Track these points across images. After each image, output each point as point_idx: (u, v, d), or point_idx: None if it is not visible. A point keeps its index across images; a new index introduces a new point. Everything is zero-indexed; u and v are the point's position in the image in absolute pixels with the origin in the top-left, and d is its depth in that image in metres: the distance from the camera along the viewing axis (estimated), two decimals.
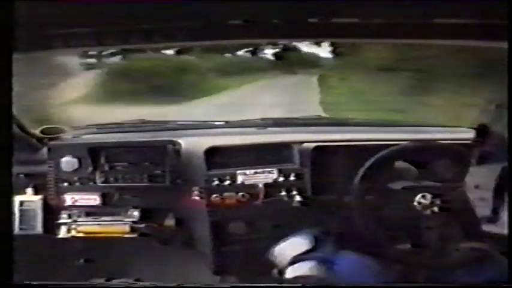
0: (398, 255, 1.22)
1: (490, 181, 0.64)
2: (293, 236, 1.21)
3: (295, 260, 1.11)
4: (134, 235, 1.63)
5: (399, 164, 1.44)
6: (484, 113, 0.71)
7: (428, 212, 1.21)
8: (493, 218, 0.64)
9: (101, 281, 1.49)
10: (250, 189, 1.55)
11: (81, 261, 1.75)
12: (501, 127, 0.65)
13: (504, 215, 0.62)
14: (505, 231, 0.62)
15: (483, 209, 0.66)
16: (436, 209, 1.21)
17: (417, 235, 1.25)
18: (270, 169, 1.56)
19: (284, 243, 1.20)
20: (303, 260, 1.11)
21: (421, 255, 1.21)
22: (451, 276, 1.16)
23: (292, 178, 1.55)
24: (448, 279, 1.17)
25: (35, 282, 0.85)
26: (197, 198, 1.58)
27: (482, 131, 0.69)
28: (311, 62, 4.38)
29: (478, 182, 0.69)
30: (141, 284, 1.59)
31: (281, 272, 1.12)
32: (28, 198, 1.64)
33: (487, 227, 0.66)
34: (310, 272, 1.06)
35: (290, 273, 1.07)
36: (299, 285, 1.25)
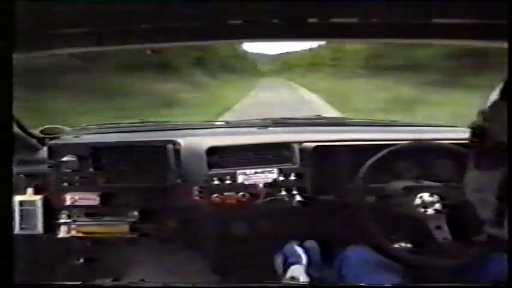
0: (399, 255, 1.22)
1: (491, 185, 0.63)
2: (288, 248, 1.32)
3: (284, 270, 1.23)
4: (134, 235, 1.63)
5: (399, 164, 1.45)
6: (480, 113, 0.70)
7: (428, 211, 1.21)
8: (497, 222, 0.63)
9: (106, 281, 1.50)
10: (251, 189, 1.55)
11: (81, 261, 1.76)
12: (499, 129, 0.63)
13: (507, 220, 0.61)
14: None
15: (485, 212, 0.66)
16: (436, 208, 1.21)
17: (418, 235, 1.25)
18: (270, 169, 1.56)
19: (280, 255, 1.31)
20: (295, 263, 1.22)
21: (422, 254, 1.21)
22: (452, 276, 1.16)
23: (292, 178, 1.55)
24: (449, 279, 1.17)
25: (35, 283, 0.85)
26: (197, 198, 1.58)
27: (478, 132, 0.69)
28: None
29: (478, 186, 0.68)
30: (144, 284, 1.59)
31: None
32: (28, 198, 1.64)
33: (491, 230, 0.66)
34: (294, 272, 1.19)
35: (288, 275, 1.18)
36: (299, 285, 1.25)
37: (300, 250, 1.27)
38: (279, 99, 12.56)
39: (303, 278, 1.13)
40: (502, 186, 0.61)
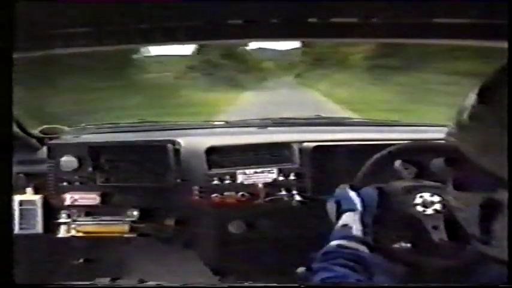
0: (398, 255, 1.22)
1: (471, 208, 0.61)
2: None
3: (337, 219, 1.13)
4: (134, 235, 1.63)
5: (399, 163, 1.44)
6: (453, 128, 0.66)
7: (427, 211, 1.21)
8: (484, 241, 0.61)
9: (105, 280, 1.49)
10: (250, 189, 1.55)
11: (81, 261, 1.76)
12: (472, 147, 0.60)
13: (501, 240, 0.58)
14: (502, 255, 0.59)
15: (470, 229, 0.64)
16: (435, 208, 1.21)
17: (417, 235, 1.25)
18: (269, 169, 1.56)
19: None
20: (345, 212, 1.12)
21: (421, 255, 1.21)
22: (452, 276, 1.16)
23: (292, 178, 1.55)
24: (449, 280, 1.17)
25: (35, 283, 0.85)
26: (197, 197, 1.58)
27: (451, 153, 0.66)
28: None
29: (459, 205, 0.67)
30: (143, 284, 1.59)
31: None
32: (28, 198, 1.64)
33: (478, 246, 0.64)
34: (346, 220, 1.08)
35: (340, 223, 1.09)
36: (299, 285, 1.25)
37: (354, 196, 1.19)
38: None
39: (356, 227, 1.07)
40: (481, 210, 0.58)
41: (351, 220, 1.08)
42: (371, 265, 0.93)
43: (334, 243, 0.99)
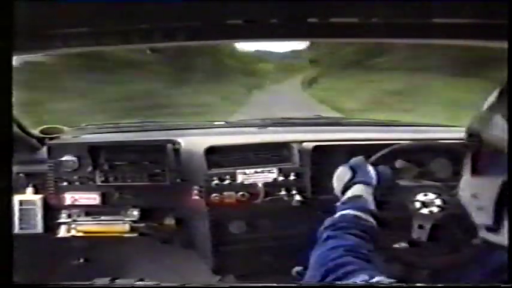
0: (398, 255, 1.22)
1: (488, 192, 0.61)
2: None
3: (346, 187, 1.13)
4: (134, 234, 1.63)
5: (399, 163, 1.45)
6: (476, 117, 0.67)
7: (428, 211, 1.21)
8: (494, 228, 0.62)
9: (105, 280, 1.49)
10: (250, 189, 1.55)
11: (81, 261, 1.76)
12: (495, 134, 0.61)
13: (505, 226, 0.59)
14: (505, 242, 0.60)
15: (481, 218, 0.64)
16: (435, 208, 1.21)
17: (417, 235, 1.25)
18: (269, 168, 1.56)
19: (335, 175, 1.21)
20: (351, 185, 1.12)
21: (421, 254, 1.21)
22: (451, 276, 1.16)
23: (292, 177, 1.55)
24: (448, 279, 1.17)
25: (35, 283, 0.85)
26: (197, 197, 1.58)
27: (474, 138, 0.66)
28: None
29: (474, 192, 0.67)
30: (143, 283, 1.59)
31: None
32: (28, 198, 1.64)
33: (485, 235, 0.64)
34: (360, 192, 1.08)
35: (352, 192, 1.09)
36: (298, 285, 1.25)
37: (372, 170, 1.15)
38: None
39: (370, 200, 1.04)
40: (499, 192, 0.59)
41: (364, 193, 1.08)
42: (377, 238, 0.95)
43: (349, 212, 0.98)
